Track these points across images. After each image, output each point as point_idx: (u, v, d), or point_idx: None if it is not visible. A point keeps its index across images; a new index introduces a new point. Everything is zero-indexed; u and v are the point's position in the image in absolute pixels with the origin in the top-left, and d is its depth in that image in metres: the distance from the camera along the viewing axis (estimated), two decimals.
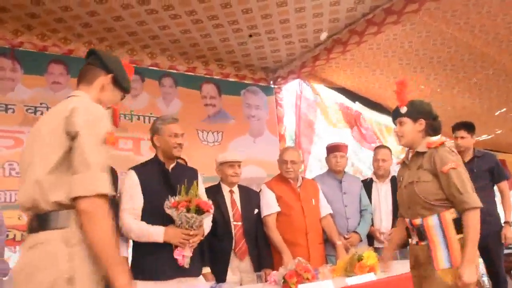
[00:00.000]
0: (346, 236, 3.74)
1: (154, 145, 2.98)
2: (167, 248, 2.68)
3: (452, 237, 2.28)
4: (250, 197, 3.52)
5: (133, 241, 2.84)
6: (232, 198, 3.43)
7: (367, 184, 4.13)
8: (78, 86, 1.90)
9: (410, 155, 2.59)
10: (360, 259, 2.94)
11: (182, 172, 2.87)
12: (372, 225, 3.96)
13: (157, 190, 2.71)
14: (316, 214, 3.60)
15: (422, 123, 2.51)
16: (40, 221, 1.59)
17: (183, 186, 2.67)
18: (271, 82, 5.86)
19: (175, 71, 5.17)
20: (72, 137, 1.60)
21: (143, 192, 2.76)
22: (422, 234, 2.38)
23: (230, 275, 3.22)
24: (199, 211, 2.63)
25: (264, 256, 3.37)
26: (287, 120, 5.93)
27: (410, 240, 2.53)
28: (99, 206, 1.55)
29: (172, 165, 2.95)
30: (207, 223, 2.90)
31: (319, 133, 6.13)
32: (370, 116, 6.46)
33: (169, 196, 2.66)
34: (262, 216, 3.48)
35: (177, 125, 2.99)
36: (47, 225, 1.58)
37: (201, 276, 2.90)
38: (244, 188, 3.60)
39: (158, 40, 4.73)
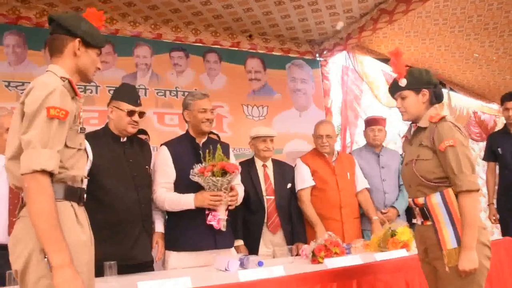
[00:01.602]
0: (383, 211, 3.67)
1: (185, 120, 3.03)
2: (199, 220, 2.76)
3: (458, 215, 2.12)
4: (284, 171, 3.54)
5: (167, 214, 2.94)
6: (265, 173, 3.46)
7: None
8: (51, 60, 1.81)
9: (413, 129, 2.39)
10: (393, 234, 2.90)
11: (213, 146, 2.88)
12: None
13: (188, 164, 2.77)
14: (351, 189, 3.57)
15: (425, 94, 2.30)
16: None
17: (207, 152, 2.73)
18: (317, 55, 5.77)
19: (219, 47, 5.21)
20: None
21: (175, 167, 2.84)
22: (425, 213, 2.22)
23: (263, 248, 3.28)
24: (225, 173, 2.66)
25: (297, 230, 3.40)
26: (334, 94, 5.83)
27: (414, 220, 2.38)
28: (36, 181, 1.55)
29: (203, 140, 3.00)
30: (241, 192, 2.93)
31: (366, 106, 5.98)
32: None
33: (195, 164, 2.72)
34: (296, 191, 3.50)
35: (206, 101, 2.98)
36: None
37: (233, 248, 2.97)
38: (278, 162, 3.62)
39: (201, 16, 4.78)
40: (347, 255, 2.71)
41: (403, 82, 2.30)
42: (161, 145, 3.00)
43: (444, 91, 6.56)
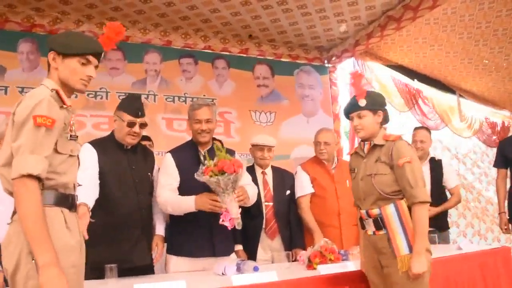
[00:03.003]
0: None
1: None
2: (199, 227, 2.81)
3: (409, 224, 2.33)
4: (283, 178, 3.58)
5: (170, 219, 2.99)
6: (264, 179, 3.51)
7: None
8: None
9: (366, 147, 2.58)
10: None
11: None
12: None
13: (191, 172, 2.75)
14: (350, 196, 3.58)
15: (380, 115, 2.54)
16: None
17: (206, 155, 2.72)
18: (325, 61, 5.81)
19: (228, 53, 5.29)
20: None
21: (179, 174, 2.89)
22: (379, 223, 2.42)
23: (262, 253, 3.33)
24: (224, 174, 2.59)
25: (295, 236, 3.44)
26: (342, 100, 5.85)
27: (363, 231, 2.55)
28: (24, 185, 1.63)
29: (207, 148, 2.98)
30: (252, 190, 2.92)
31: None
32: (430, 94, 6.20)
33: (201, 165, 2.71)
34: (296, 198, 3.55)
35: (202, 110, 2.93)
36: None
37: (232, 254, 3.02)
38: (278, 169, 3.66)
39: (210, 23, 4.86)
40: (342, 262, 2.74)
41: (362, 102, 2.50)
42: (166, 152, 3.04)
43: (454, 97, 6.57)
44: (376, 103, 2.54)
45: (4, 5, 4.21)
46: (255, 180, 3.42)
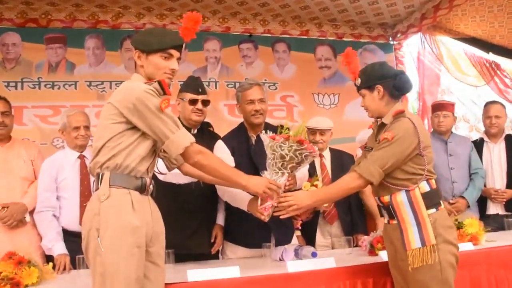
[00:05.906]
0: (451, 201, 3.48)
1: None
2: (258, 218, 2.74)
3: (423, 214, 2.07)
4: (342, 160, 3.42)
5: (227, 208, 2.93)
6: (322, 163, 3.40)
7: (477, 145, 3.76)
8: None
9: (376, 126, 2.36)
10: (460, 227, 2.74)
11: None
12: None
13: (241, 158, 2.72)
14: None
15: (379, 90, 2.23)
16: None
17: (279, 126, 2.47)
18: (390, 39, 5.53)
19: (288, 36, 5.20)
20: (128, 119, 1.91)
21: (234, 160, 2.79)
22: (391, 212, 2.16)
23: (321, 239, 3.24)
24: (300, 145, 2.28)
25: (356, 221, 3.31)
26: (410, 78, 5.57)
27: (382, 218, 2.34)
28: (196, 151, 2.00)
29: (258, 132, 2.83)
30: (302, 172, 2.70)
31: (447, 89, 5.65)
32: (509, 66, 5.72)
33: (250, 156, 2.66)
34: None
35: (254, 90, 2.78)
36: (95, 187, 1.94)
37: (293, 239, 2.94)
38: (336, 151, 3.52)
39: (268, 7, 4.79)
40: None
41: (358, 82, 2.31)
42: (218, 139, 2.98)
43: None
44: (370, 78, 2.26)
45: (72, 5, 4.42)
46: (312, 164, 3.31)
